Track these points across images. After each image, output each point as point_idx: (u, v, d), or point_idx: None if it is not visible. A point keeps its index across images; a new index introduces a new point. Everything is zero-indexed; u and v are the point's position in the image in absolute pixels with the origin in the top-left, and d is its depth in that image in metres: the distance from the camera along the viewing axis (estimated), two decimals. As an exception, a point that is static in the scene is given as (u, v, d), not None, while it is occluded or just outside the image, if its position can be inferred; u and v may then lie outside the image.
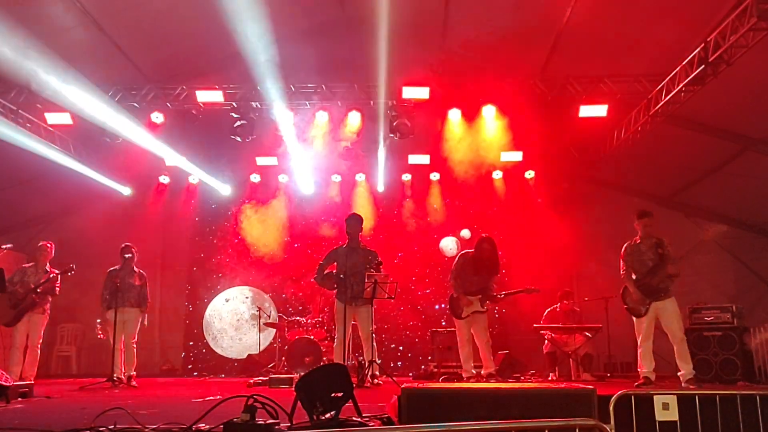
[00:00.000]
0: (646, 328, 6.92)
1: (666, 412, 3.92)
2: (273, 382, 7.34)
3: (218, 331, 10.69)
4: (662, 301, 6.86)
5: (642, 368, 6.94)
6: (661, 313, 6.88)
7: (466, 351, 7.80)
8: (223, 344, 10.45)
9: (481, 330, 7.79)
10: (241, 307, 11.19)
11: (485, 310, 7.81)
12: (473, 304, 7.75)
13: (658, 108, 8.76)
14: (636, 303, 6.97)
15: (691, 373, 6.69)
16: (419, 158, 11.45)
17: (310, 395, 3.60)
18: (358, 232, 7.80)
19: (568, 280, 10.98)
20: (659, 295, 6.87)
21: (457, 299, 7.82)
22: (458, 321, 7.84)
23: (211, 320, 11.22)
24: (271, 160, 11.53)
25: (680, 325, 6.87)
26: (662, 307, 6.87)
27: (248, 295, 11.57)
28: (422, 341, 11.54)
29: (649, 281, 6.91)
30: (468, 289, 7.78)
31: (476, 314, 7.77)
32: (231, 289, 11.89)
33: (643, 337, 6.94)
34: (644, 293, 6.91)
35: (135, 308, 8.25)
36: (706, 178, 10.27)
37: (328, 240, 11.50)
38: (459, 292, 7.80)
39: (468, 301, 7.74)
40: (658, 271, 6.86)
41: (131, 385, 7.84)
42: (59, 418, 4.31)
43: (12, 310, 7.75)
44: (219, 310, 10.84)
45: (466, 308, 7.77)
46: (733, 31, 6.76)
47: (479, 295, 7.76)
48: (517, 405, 3.97)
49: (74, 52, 8.36)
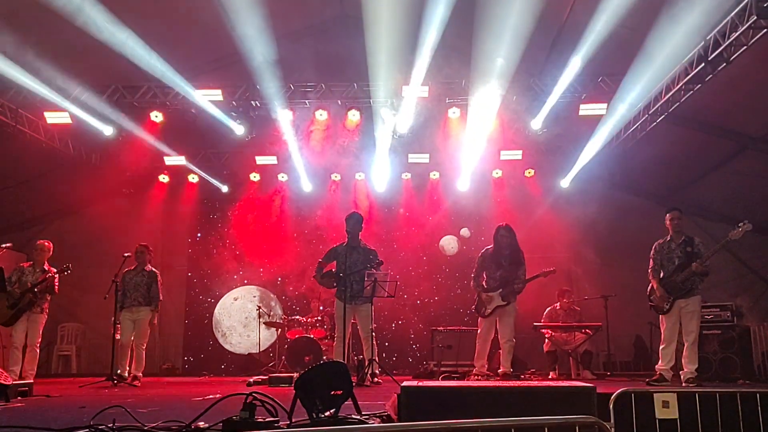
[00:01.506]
0: (671, 326, 6.92)
1: (666, 410, 3.92)
2: (273, 381, 7.34)
3: (227, 328, 10.89)
4: (685, 299, 6.87)
5: (660, 364, 6.91)
6: (683, 311, 6.88)
7: (479, 348, 7.75)
8: (232, 341, 10.72)
9: (505, 326, 7.64)
10: (248, 305, 11.35)
11: (507, 303, 7.59)
12: (493, 300, 7.63)
13: (657, 106, 8.76)
14: (659, 300, 6.98)
15: (693, 373, 6.69)
16: (419, 157, 11.46)
17: (310, 393, 3.59)
18: (357, 230, 7.78)
19: (566, 278, 10.97)
20: (683, 293, 6.87)
21: (479, 296, 7.78)
22: (481, 319, 7.78)
23: (221, 318, 11.41)
24: (271, 159, 11.53)
25: (698, 325, 6.86)
26: (685, 305, 6.87)
27: (255, 294, 11.71)
28: (422, 340, 11.54)
29: (674, 279, 6.92)
30: (489, 285, 7.72)
31: (499, 309, 7.62)
32: (239, 289, 11.97)
33: (667, 336, 6.92)
34: (668, 290, 6.91)
35: (145, 307, 8.30)
36: (705, 177, 10.26)
37: (327, 239, 11.49)
38: (477, 290, 7.79)
39: (487, 297, 7.65)
40: (684, 269, 6.86)
41: (133, 384, 7.85)
42: (58, 416, 4.31)
43: (10, 309, 7.73)
44: (228, 309, 11.06)
45: (488, 305, 7.65)
46: (733, 29, 6.76)
47: (499, 289, 7.63)
48: (517, 403, 3.97)
49: (72, 51, 8.35)
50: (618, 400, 3.71)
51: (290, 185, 12.26)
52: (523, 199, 11.82)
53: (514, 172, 11.87)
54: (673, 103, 8.57)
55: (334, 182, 12.23)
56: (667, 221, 7.13)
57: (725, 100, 8.36)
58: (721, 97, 8.17)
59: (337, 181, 12.22)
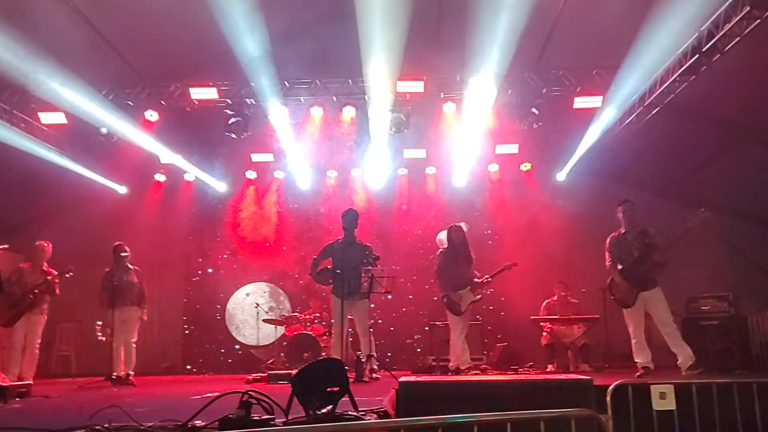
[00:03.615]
0: (636, 318, 6.95)
1: (663, 402, 3.93)
2: (272, 378, 7.35)
3: (240, 321, 11.44)
4: (649, 291, 6.88)
5: (638, 360, 6.94)
6: (648, 303, 6.89)
7: (462, 346, 7.85)
8: (245, 333, 11.30)
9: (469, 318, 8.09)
10: (260, 300, 11.74)
11: (479, 298, 7.94)
12: (466, 296, 7.84)
13: (652, 98, 8.74)
14: (624, 293, 6.98)
15: (690, 358, 6.67)
16: (415, 152, 11.45)
17: (306, 390, 3.59)
18: (354, 227, 7.77)
19: (563, 270, 10.98)
20: (646, 284, 6.87)
21: (448, 297, 7.86)
22: (455, 317, 7.86)
23: (234, 312, 11.90)
24: (267, 156, 11.53)
25: (668, 313, 6.86)
26: (649, 296, 6.88)
27: (265, 290, 12.09)
28: (420, 335, 11.56)
29: (636, 270, 6.90)
30: (456, 283, 7.85)
31: (472, 305, 7.92)
32: (250, 285, 12.20)
33: (635, 328, 6.95)
34: (631, 282, 6.91)
35: (135, 306, 8.28)
36: (701, 168, 10.26)
37: (324, 235, 11.47)
38: (447, 290, 7.86)
39: (458, 295, 7.83)
40: (645, 260, 6.86)
41: (129, 383, 7.84)
42: (56, 417, 4.31)
43: (9, 310, 7.73)
44: (240, 304, 11.59)
45: (462, 303, 7.83)
46: (726, 20, 6.75)
47: (468, 286, 7.85)
48: (515, 396, 3.98)
49: (67, 51, 8.32)
50: (615, 392, 3.72)
51: (286, 182, 12.26)
52: (520, 192, 11.85)
53: (510, 166, 11.87)
54: (668, 95, 8.55)
55: (331, 178, 12.22)
56: (620, 213, 7.12)
57: (720, 91, 8.35)
58: (716, 87, 8.16)
59: (333, 177, 12.21)
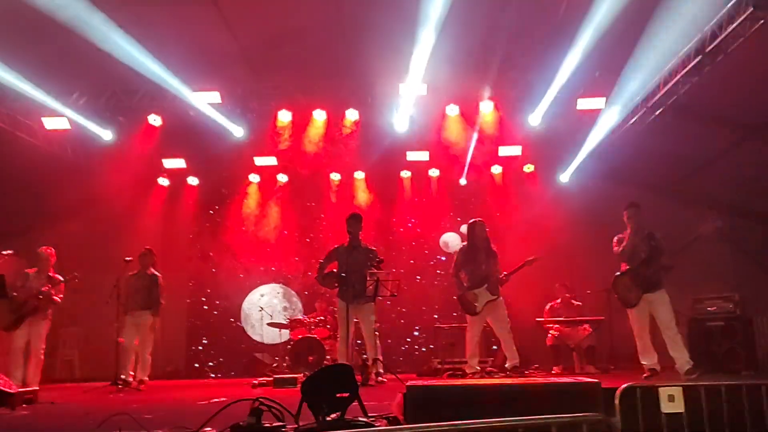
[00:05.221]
0: (641, 320, 6.93)
1: (672, 404, 3.90)
2: (278, 383, 7.34)
3: (256, 320, 11.52)
4: (653, 293, 6.86)
5: (645, 361, 6.92)
6: (653, 305, 6.87)
7: (472, 347, 7.68)
8: (261, 332, 11.36)
9: (501, 319, 7.58)
10: (274, 300, 11.97)
11: (496, 297, 7.56)
12: (481, 296, 7.54)
13: (656, 99, 8.74)
14: (626, 291, 6.96)
15: (688, 363, 6.66)
16: (418, 155, 11.44)
17: (316, 396, 3.59)
18: (358, 230, 7.76)
19: (567, 273, 10.95)
20: (651, 287, 6.86)
21: (463, 296, 7.65)
22: (471, 318, 7.66)
23: (250, 312, 12.11)
24: (270, 159, 11.52)
25: (672, 316, 6.83)
26: (654, 299, 6.86)
27: (279, 291, 12.26)
28: (425, 338, 11.55)
29: (643, 272, 6.90)
30: (472, 282, 7.64)
31: (490, 304, 7.55)
32: (264, 286, 12.28)
33: (639, 329, 6.94)
34: (637, 283, 6.90)
35: (146, 311, 8.29)
36: (705, 168, 10.24)
37: (328, 239, 11.47)
38: (461, 289, 7.68)
39: (474, 295, 7.56)
40: (652, 263, 6.85)
41: (137, 389, 7.84)
42: (64, 424, 4.31)
43: (12, 315, 7.72)
44: (255, 304, 11.68)
45: (477, 302, 7.55)
46: (730, 21, 6.76)
47: (484, 284, 7.55)
48: (523, 400, 3.96)
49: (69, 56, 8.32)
50: (623, 395, 3.70)
51: (290, 186, 12.25)
52: (523, 194, 11.82)
53: (513, 168, 11.87)
54: (671, 96, 8.55)
55: (334, 182, 12.22)
56: (626, 217, 7.10)
57: (724, 92, 8.34)
58: (720, 88, 8.15)
59: (336, 180, 12.21)
